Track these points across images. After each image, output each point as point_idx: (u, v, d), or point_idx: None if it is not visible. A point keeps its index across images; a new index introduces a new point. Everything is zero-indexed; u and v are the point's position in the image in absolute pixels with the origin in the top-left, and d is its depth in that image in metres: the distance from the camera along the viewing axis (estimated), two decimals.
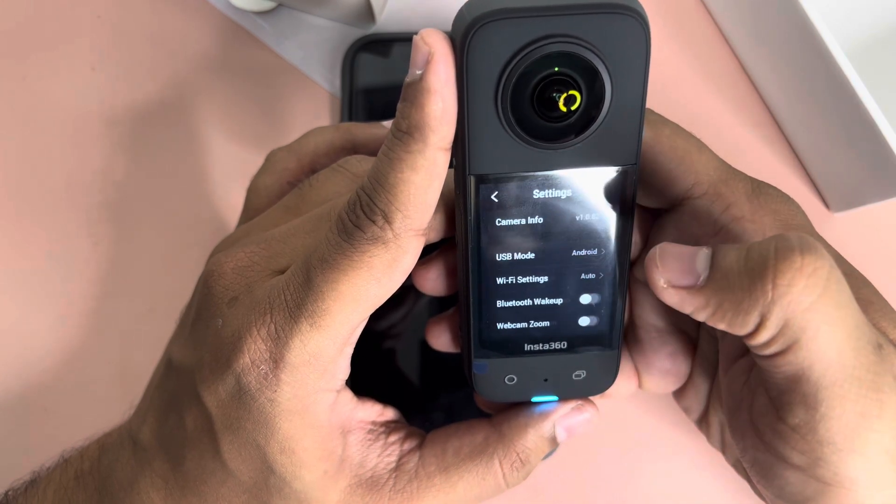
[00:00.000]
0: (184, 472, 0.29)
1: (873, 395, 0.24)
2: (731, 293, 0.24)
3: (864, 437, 0.24)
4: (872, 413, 0.24)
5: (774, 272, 0.23)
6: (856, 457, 0.24)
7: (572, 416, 0.31)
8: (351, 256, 0.25)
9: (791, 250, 0.23)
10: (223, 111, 0.50)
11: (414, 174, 0.24)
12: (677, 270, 0.25)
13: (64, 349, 0.47)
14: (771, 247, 0.23)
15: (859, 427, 0.24)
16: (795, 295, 0.23)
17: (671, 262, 0.26)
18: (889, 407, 0.24)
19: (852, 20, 0.51)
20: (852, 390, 0.24)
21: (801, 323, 0.23)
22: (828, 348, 0.23)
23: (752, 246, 0.24)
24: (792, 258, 0.23)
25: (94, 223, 0.48)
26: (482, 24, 0.23)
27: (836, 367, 0.23)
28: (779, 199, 0.28)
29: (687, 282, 0.25)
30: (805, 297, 0.23)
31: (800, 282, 0.23)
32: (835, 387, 0.24)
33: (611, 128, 0.25)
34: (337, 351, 0.27)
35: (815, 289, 0.23)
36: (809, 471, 0.25)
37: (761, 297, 0.23)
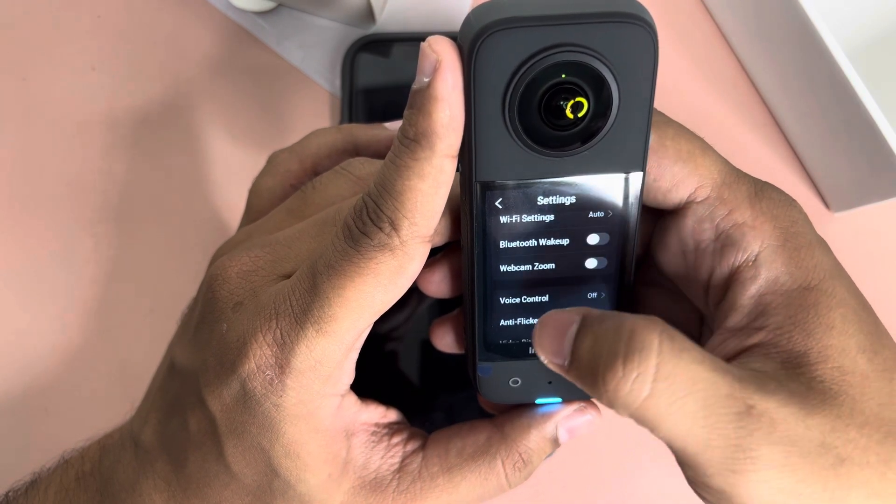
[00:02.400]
0: (186, 474, 0.29)
1: (742, 455, 0.24)
2: (584, 383, 0.25)
3: (748, 487, 0.24)
4: (747, 469, 0.24)
5: (603, 380, 0.24)
6: (752, 500, 0.24)
7: (574, 418, 0.31)
8: (357, 263, 0.25)
9: (615, 357, 0.24)
10: (224, 111, 0.50)
11: (421, 181, 0.24)
12: (550, 350, 0.26)
13: (64, 349, 0.46)
14: (605, 347, 0.24)
15: (737, 485, 0.24)
16: (623, 400, 0.24)
17: (546, 340, 0.26)
18: (764, 458, 0.24)
19: (852, 20, 0.51)
20: (714, 459, 0.24)
21: (640, 417, 0.24)
22: (675, 432, 0.24)
23: (598, 337, 0.25)
24: (614, 368, 0.24)
25: (95, 223, 0.48)
26: (491, 33, 0.23)
27: (690, 443, 0.24)
28: (780, 203, 0.28)
29: (558, 362, 0.26)
30: (632, 401, 0.24)
31: (623, 389, 0.24)
32: (697, 457, 0.24)
33: (617, 135, 0.25)
34: (342, 356, 0.27)
35: (640, 393, 0.23)
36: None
37: (601, 396, 0.24)
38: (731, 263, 0.27)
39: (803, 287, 0.27)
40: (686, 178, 0.28)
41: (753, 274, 0.27)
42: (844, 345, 0.26)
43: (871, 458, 0.24)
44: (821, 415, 0.24)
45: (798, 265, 0.27)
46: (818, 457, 0.24)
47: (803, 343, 0.26)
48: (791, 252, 0.27)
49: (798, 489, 0.24)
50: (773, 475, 0.24)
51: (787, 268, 0.27)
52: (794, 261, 0.27)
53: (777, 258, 0.27)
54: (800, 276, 0.27)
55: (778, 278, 0.27)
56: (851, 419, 0.25)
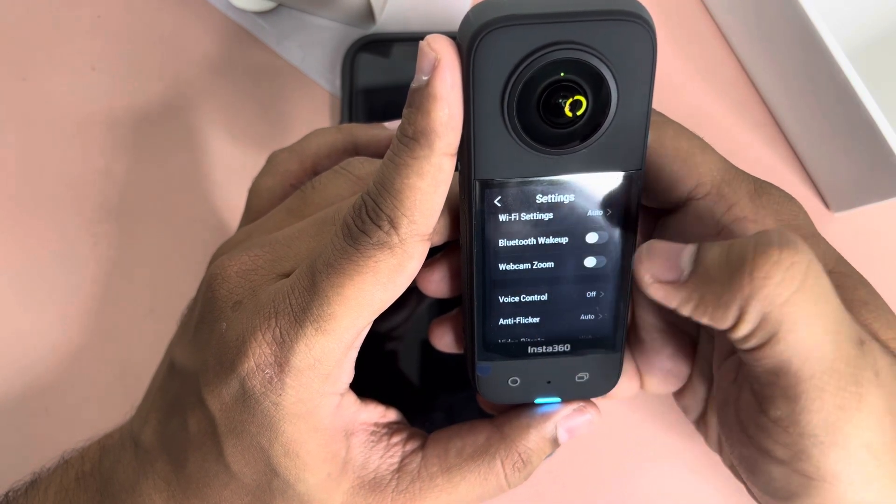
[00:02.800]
0: (186, 474, 0.29)
1: (852, 389, 0.24)
2: (712, 287, 0.24)
3: (844, 430, 0.24)
4: (851, 406, 0.24)
5: (752, 266, 0.23)
6: (837, 450, 0.24)
7: (574, 418, 0.31)
8: (356, 261, 0.25)
9: (769, 245, 0.23)
10: (223, 111, 0.50)
11: (420, 180, 0.24)
12: (662, 266, 0.26)
13: (64, 349, 0.46)
14: (751, 242, 0.24)
15: (839, 420, 0.24)
16: (772, 288, 0.23)
17: (657, 258, 0.26)
18: (868, 401, 0.24)
19: (852, 20, 0.51)
20: (831, 383, 0.24)
21: (778, 316, 0.23)
22: (806, 341, 0.23)
23: (735, 242, 0.24)
24: (769, 252, 0.23)
25: (95, 223, 0.48)
26: (489, 31, 0.23)
27: (814, 360, 0.24)
28: (781, 199, 0.28)
29: (671, 276, 0.25)
30: (782, 291, 0.23)
31: (776, 276, 0.23)
32: (813, 379, 0.24)
33: (616, 133, 0.25)
34: (342, 355, 0.27)
35: (793, 283, 0.23)
36: (792, 465, 0.25)
37: (739, 291, 0.23)
38: None
39: None
40: (685, 176, 0.28)
41: None
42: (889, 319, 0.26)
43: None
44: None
45: None
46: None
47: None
48: None
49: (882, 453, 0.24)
50: (871, 427, 0.24)
51: None
52: None
53: None
54: None
55: None
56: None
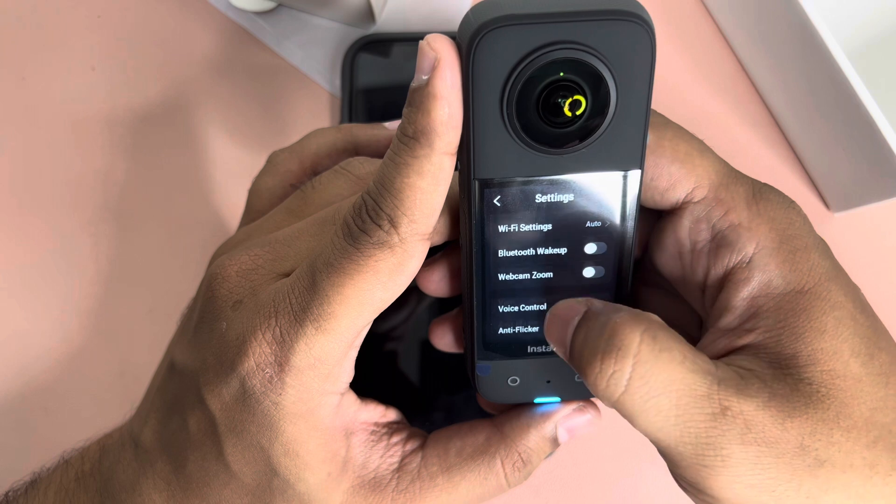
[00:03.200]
0: (186, 474, 0.29)
1: (712, 454, 0.25)
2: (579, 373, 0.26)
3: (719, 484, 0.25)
4: (717, 465, 0.25)
5: (584, 371, 0.25)
6: (726, 498, 0.25)
7: (574, 418, 0.31)
8: (357, 261, 0.25)
9: (593, 355, 0.25)
10: (223, 111, 0.50)
11: (420, 179, 0.24)
12: (555, 339, 0.27)
13: (64, 349, 0.46)
14: (587, 345, 0.25)
15: (709, 478, 0.25)
16: (604, 392, 0.25)
17: (553, 329, 0.27)
18: (736, 457, 0.24)
19: (852, 20, 0.51)
20: (686, 456, 0.25)
21: (619, 410, 0.25)
22: (649, 429, 0.25)
23: (588, 331, 0.26)
24: (592, 363, 0.25)
25: (95, 223, 0.48)
26: (488, 31, 0.23)
27: (663, 439, 0.25)
28: (778, 204, 0.28)
29: (561, 350, 0.27)
30: (611, 394, 0.25)
31: (601, 383, 0.25)
32: (670, 450, 0.25)
33: (615, 133, 0.25)
34: (342, 354, 0.27)
35: (617, 388, 0.25)
36: (700, 497, 0.27)
37: (591, 388, 0.25)
38: (725, 264, 0.28)
39: (796, 291, 0.27)
40: (683, 178, 0.28)
41: (747, 276, 0.27)
42: (836, 348, 0.26)
43: (855, 461, 0.25)
44: (802, 417, 0.25)
45: (792, 268, 0.27)
46: (794, 458, 0.24)
47: (792, 346, 0.26)
48: (786, 255, 0.27)
49: (770, 486, 0.25)
50: (744, 472, 0.24)
51: (780, 270, 0.27)
52: (789, 264, 0.27)
53: (771, 261, 0.27)
54: (793, 280, 0.27)
55: (771, 281, 0.27)
56: (837, 422, 0.25)
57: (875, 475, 0.25)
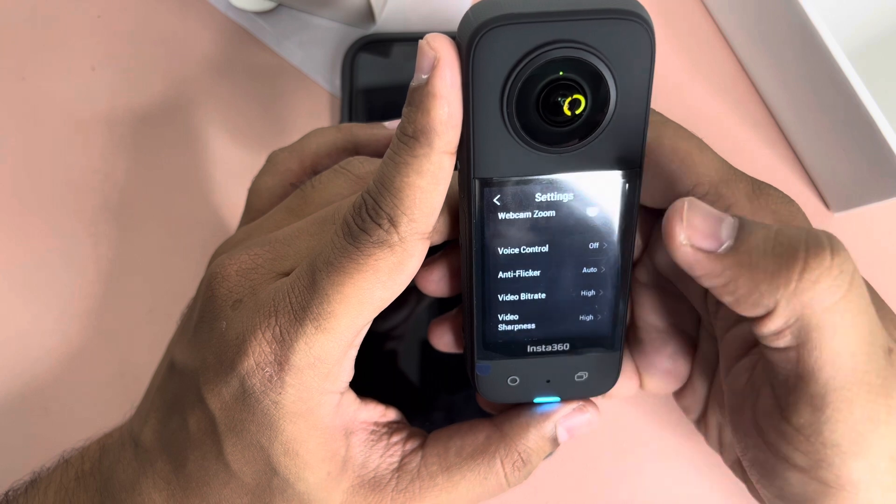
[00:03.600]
0: (186, 473, 0.29)
1: (882, 400, 0.23)
2: (752, 272, 0.24)
3: (870, 440, 0.24)
4: (880, 418, 0.24)
5: (804, 265, 0.23)
6: (860, 460, 0.24)
7: (574, 417, 0.31)
8: (356, 260, 0.25)
9: (822, 248, 0.23)
10: (223, 111, 0.50)
11: (419, 178, 0.24)
12: (701, 231, 0.24)
13: (64, 349, 0.46)
14: (802, 238, 0.23)
15: (866, 431, 0.24)
16: (819, 293, 0.23)
17: (697, 220, 0.25)
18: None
19: (852, 20, 0.51)
20: (861, 394, 0.23)
21: (817, 321, 0.23)
22: (841, 350, 0.23)
23: (782, 230, 0.24)
24: (822, 255, 0.23)
25: (95, 223, 0.48)
26: (488, 30, 0.23)
27: (847, 370, 0.23)
28: (779, 199, 0.28)
29: (708, 245, 0.24)
30: (827, 297, 0.23)
31: (826, 280, 0.23)
32: (844, 390, 0.23)
33: (615, 132, 0.25)
34: (341, 353, 0.27)
35: (839, 290, 0.23)
36: (812, 472, 0.25)
37: (783, 286, 0.23)
38: None
39: None
40: (684, 175, 0.28)
41: None
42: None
43: None
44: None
45: None
46: None
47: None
48: None
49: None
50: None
51: None
52: None
53: None
54: None
55: None
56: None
57: None
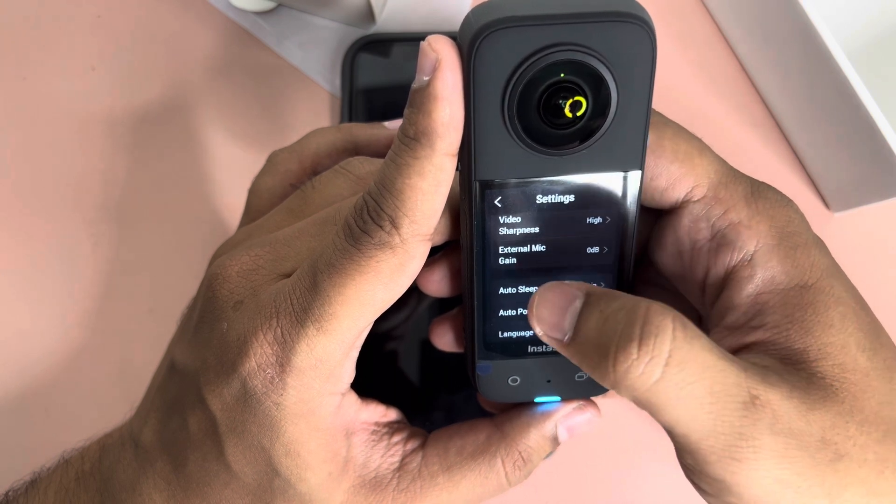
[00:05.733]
0: (186, 474, 0.29)
1: (743, 444, 0.24)
2: (587, 361, 0.25)
3: (749, 476, 0.24)
4: (747, 457, 0.24)
5: (614, 360, 0.24)
6: (751, 489, 0.24)
7: (574, 417, 0.31)
8: (358, 261, 0.25)
9: (629, 339, 0.24)
10: (223, 111, 0.50)
11: (421, 180, 0.24)
12: (548, 323, 0.26)
13: (64, 349, 0.46)
14: (617, 329, 0.24)
15: (740, 469, 0.24)
16: (632, 381, 0.24)
17: (545, 312, 0.26)
18: (767, 447, 0.24)
19: (852, 21, 0.51)
20: (717, 445, 0.24)
21: (646, 400, 0.24)
22: (679, 419, 0.24)
23: (608, 318, 0.25)
24: (629, 349, 0.23)
25: (95, 223, 0.48)
26: (490, 32, 0.23)
27: (694, 430, 0.24)
28: (777, 203, 0.28)
29: (556, 336, 0.26)
30: (642, 383, 0.23)
31: (635, 370, 0.23)
32: (701, 442, 0.24)
33: (616, 134, 0.25)
34: (343, 355, 0.27)
35: (652, 376, 0.23)
36: (721, 498, 0.26)
37: (606, 377, 0.24)
38: (726, 263, 0.28)
39: (800, 285, 0.27)
40: (683, 177, 0.28)
41: (749, 273, 0.27)
42: (844, 342, 0.26)
43: (868, 456, 0.25)
44: (821, 410, 0.25)
45: (794, 264, 0.27)
46: (817, 451, 0.24)
47: (802, 340, 0.26)
48: (787, 251, 0.27)
49: (796, 482, 0.24)
50: (773, 465, 0.24)
51: (782, 267, 0.27)
52: (791, 260, 0.27)
53: (773, 257, 0.27)
54: (796, 275, 0.27)
55: (774, 277, 0.27)
56: (851, 416, 0.25)
57: (886, 470, 0.25)
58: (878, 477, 0.25)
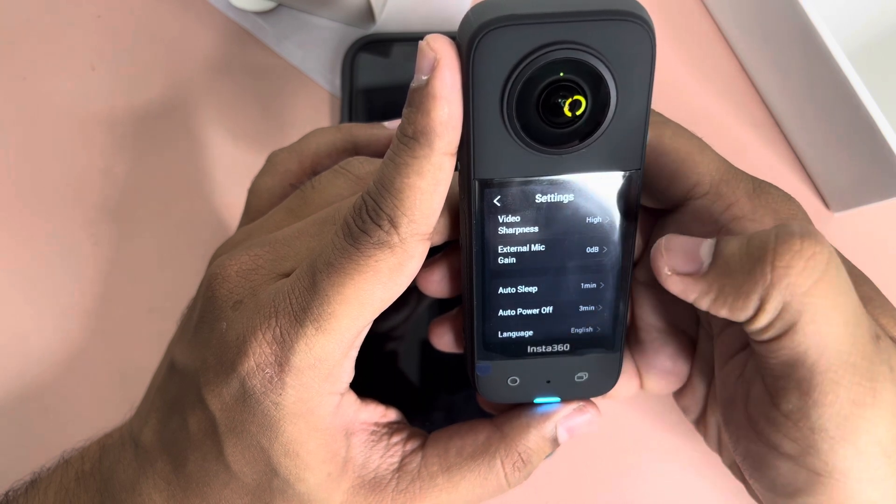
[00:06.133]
0: (186, 474, 0.29)
1: (867, 384, 0.24)
2: (732, 278, 0.24)
3: (856, 425, 0.24)
4: (866, 402, 0.24)
5: (774, 255, 0.23)
6: (847, 446, 0.24)
7: (574, 417, 0.31)
8: (357, 261, 0.25)
9: (791, 235, 0.23)
10: (223, 111, 0.50)
11: (420, 179, 0.24)
12: (681, 258, 0.26)
13: (64, 349, 0.46)
14: (772, 233, 0.24)
15: (851, 415, 0.24)
16: (794, 278, 0.23)
17: (675, 250, 0.26)
18: (883, 397, 0.24)
19: (852, 20, 0.51)
20: (846, 377, 0.24)
21: (798, 306, 0.23)
22: (824, 333, 0.23)
23: (755, 234, 0.25)
24: (791, 242, 0.23)
25: (95, 223, 0.48)
26: (488, 31, 0.23)
27: (831, 352, 0.24)
28: (779, 198, 0.28)
29: (690, 268, 0.26)
30: (803, 281, 0.23)
31: (798, 264, 0.23)
32: (829, 372, 0.24)
33: (615, 133, 0.25)
34: (342, 354, 0.27)
35: (814, 272, 0.23)
36: (800, 460, 0.25)
37: (760, 280, 0.24)
38: None
39: None
40: (684, 175, 0.28)
41: None
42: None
43: None
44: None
45: None
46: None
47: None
48: None
49: (891, 449, 0.24)
50: (883, 422, 0.23)
51: None
52: None
53: None
54: None
55: None
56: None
57: None
58: None
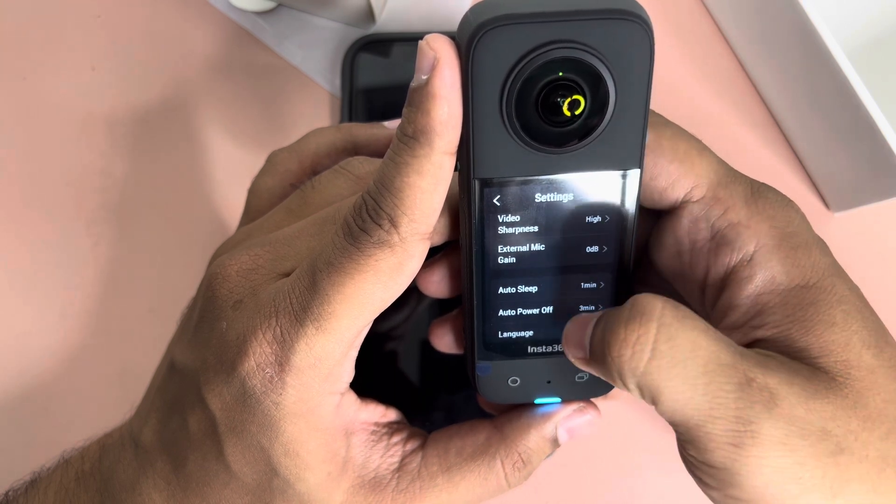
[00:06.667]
0: (186, 473, 0.29)
1: (741, 428, 0.24)
2: (598, 366, 0.26)
3: (748, 463, 0.24)
4: (745, 442, 0.24)
5: (608, 348, 0.25)
6: (752, 478, 0.24)
7: (574, 418, 0.31)
8: (357, 260, 0.25)
9: (617, 325, 0.24)
10: (223, 111, 0.50)
11: (420, 178, 0.24)
12: (573, 346, 0.27)
13: (64, 349, 0.47)
14: (610, 325, 0.25)
15: (739, 457, 0.24)
16: (627, 365, 0.24)
17: (569, 337, 0.27)
18: (765, 433, 0.24)
19: (852, 20, 0.51)
20: (715, 430, 0.24)
21: (645, 385, 0.24)
22: (676, 400, 0.24)
23: (608, 319, 0.25)
24: (616, 331, 0.24)
25: (94, 223, 0.48)
26: (488, 30, 0.23)
27: (690, 412, 0.24)
28: (777, 203, 0.28)
29: (581, 356, 0.27)
30: (636, 365, 0.24)
31: (626, 353, 0.24)
32: (699, 428, 0.24)
33: (615, 132, 0.25)
34: (342, 354, 0.27)
35: (643, 355, 0.24)
36: (724, 492, 0.26)
37: (609, 372, 0.25)
38: (726, 263, 0.28)
39: (801, 286, 0.27)
40: (682, 177, 0.28)
41: (749, 273, 0.27)
42: (847, 339, 0.26)
43: (870, 453, 0.24)
44: (823, 400, 0.24)
45: (794, 264, 0.27)
46: (818, 441, 0.24)
47: (803, 339, 0.26)
48: (787, 251, 0.27)
49: (797, 472, 0.24)
50: (773, 453, 0.24)
51: (783, 267, 0.27)
52: (791, 260, 0.27)
53: (773, 257, 0.27)
54: (797, 275, 0.27)
55: (774, 277, 0.27)
56: (854, 411, 0.25)
57: (887, 468, 0.25)
58: (879, 475, 0.25)
